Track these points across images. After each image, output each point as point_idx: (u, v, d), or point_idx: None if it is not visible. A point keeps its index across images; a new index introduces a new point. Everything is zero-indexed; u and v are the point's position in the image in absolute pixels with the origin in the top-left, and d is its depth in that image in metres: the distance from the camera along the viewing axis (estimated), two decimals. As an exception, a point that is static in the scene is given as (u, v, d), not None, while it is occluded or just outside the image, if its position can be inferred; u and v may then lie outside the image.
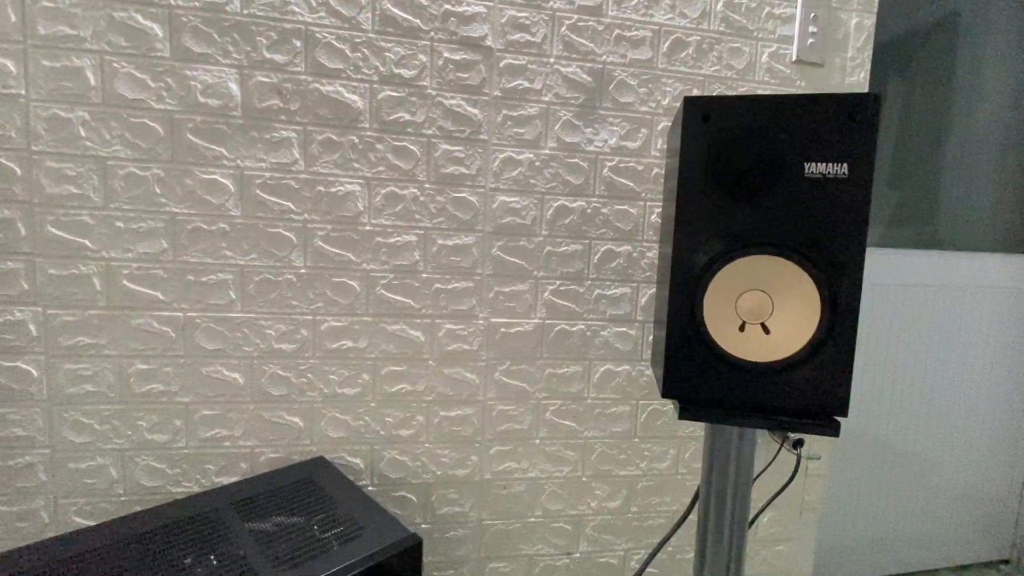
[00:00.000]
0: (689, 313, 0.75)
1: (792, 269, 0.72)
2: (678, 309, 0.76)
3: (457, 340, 1.08)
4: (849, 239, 0.70)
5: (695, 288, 0.75)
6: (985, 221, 1.63)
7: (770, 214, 0.72)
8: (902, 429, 1.57)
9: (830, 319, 0.71)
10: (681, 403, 0.76)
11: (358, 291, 1.03)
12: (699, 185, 0.74)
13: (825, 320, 0.71)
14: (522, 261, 1.09)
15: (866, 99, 0.69)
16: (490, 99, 1.04)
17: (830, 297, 0.71)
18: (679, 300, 0.75)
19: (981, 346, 1.59)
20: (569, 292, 1.11)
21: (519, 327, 1.10)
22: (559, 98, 1.06)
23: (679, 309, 0.76)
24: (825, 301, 0.71)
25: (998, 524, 1.69)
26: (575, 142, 1.08)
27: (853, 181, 0.69)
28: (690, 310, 0.75)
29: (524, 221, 1.08)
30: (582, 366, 1.14)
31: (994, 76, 1.58)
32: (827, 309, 0.71)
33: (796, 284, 0.72)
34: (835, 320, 0.71)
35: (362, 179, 1.01)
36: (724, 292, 0.75)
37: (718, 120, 0.73)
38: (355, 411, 1.06)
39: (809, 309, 0.72)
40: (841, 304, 0.71)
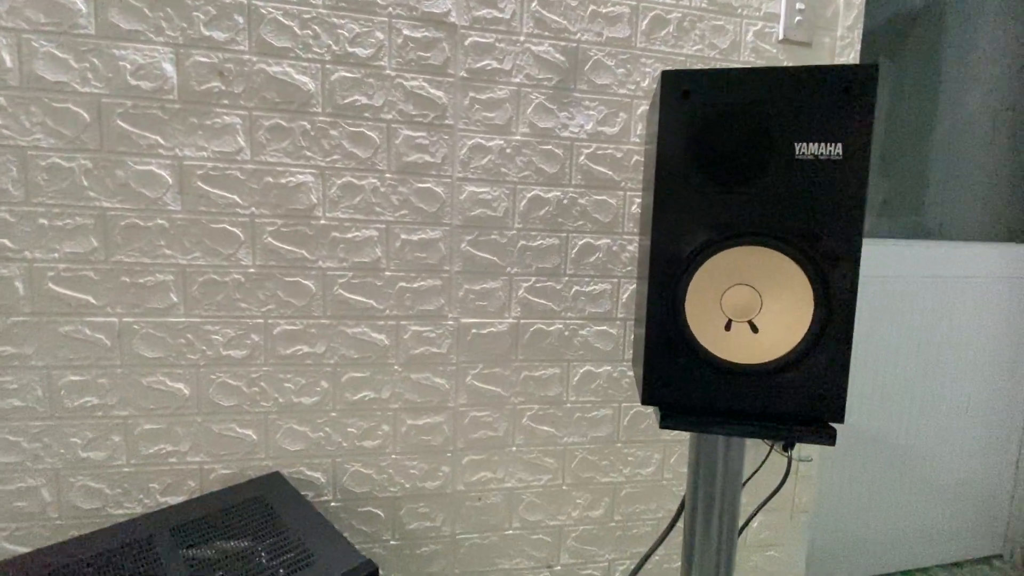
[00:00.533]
0: (670, 311, 0.68)
1: (782, 261, 0.65)
2: (658, 307, 0.68)
3: (425, 343, 1.00)
4: (844, 227, 0.63)
5: (676, 284, 0.67)
6: (975, 210, 1.59)
7: (757, 201, 0.65)
8: (892, 423, 1.52)
9: (824, 316, 0.64)
10: (663, 410, 0.69)
11: (314, 291, 0.95)
12: (679, 169, 0.67)
13: (819, 317, 0.64)
14: (494, 256, 1.01)
15: (863, 71, 0.62)
16: (455, 80, 0.96)
17: (824, 292, 0.64)
18: (659, 297, 0.68)
19: (972, 338, 1.55)
20: (545, 289, 1.04)
21: (492, 328, 1.02)
22: (530, 79, 0.98)
23: (659, 307, 0.68)
24: (818, 296, 0.64)
25: (991, 519, 1.66)
26: (549, 127, 1.00)
27: (848, 163, 0.63)
28: (671, 308, 0.68)
29: (495, 213, 1.00)
30: (560, 368, 1.06)
31: (983, 61, 1.53)
32: (821, 305, 0.64)
33: (786, 278, 0.66)
34: (829, 317, 0.64)
35: (315, 169, 0.93)
36: (708, 288, 0.68)
37: (699, 96, 0.66)
38: (314, 422, 0.98)
39: (801, 305, 0.66)
40: (836, 299, 0.64)
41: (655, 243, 0.68)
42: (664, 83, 0.67)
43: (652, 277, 0.69)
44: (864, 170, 0.64)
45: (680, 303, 0.68)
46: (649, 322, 0.69)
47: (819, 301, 0.64)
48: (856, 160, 0.63)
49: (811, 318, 0.65)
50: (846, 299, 0.64)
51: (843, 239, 0.64)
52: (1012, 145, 1.57)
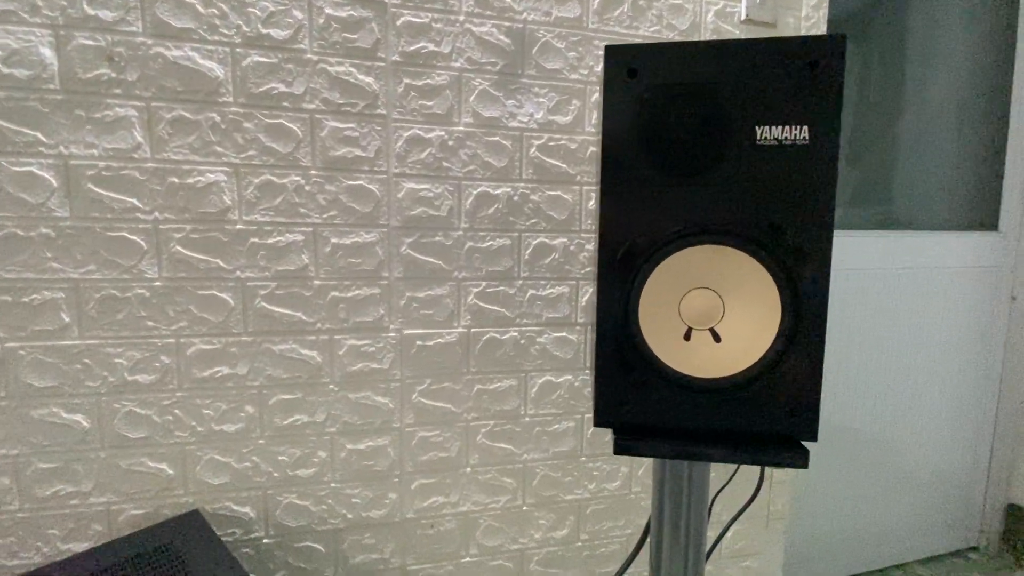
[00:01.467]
0: (622, 321, 0.60)
1: (744, 261, 0.57)
2: (608, 317, 0.60)
3: (363, 358, 0.90)
4: (813, 221, 0.56)
5: (627, 291, 0.59)
6: (943, 199, 1.56)
7: (715, 193, 0.57)
8: (865, 418, 1.48)
9: (792, 322, 0.57)
10: (616, 433, 0.61)
11: (232, 305, 0.84)
12: (626, 159, 0.58)
13: (786, 323, 0.57)
14: (439, 260, 0.91)
15: (830, 43, 0.55)
16: (387, 65, 0.86)
17: (791, 295, 0.56)
18: (609, 306, 0.60)
19: (944, 329, 1.52)
20: (498, 294, 0.95)
21: (439, 338, 0.93)
22: (473, 64, 0.89)
23: (609, 317, 0.60)
24: (785, 300, 0.56)
25: (966, 511, 1.64)
26: (495, 116, 0.91)
27: (816, 148, 0.55)
28: (623, 317, 0.60)
29: (439, 212, 0.90)
30: (517, 379, 0.98)
31: (950, 47, 1.50)
32: (788, 310, 0.56)
33: (750, 280, 0.58)
34: (798, 323, 0.57)
35: (228, 166, 0.82)
36: (664, 293, 0.60)
37: (647, 75, 0.57)
38: (239, 451, 0.87)
39: (767, 310, 0.58)
40: (805, 303, 0.57)
41: (602, 244, 0.60)
42: (608, 60, 0.59)
43: (601, 283, 0.60)
44: (833, 155, 0.56)
45: (633, 311, 0.60)
46: (600, 334, 0.61)
47: (786, 305, 0.57)
48: (824, 144, 0.56)
49: (778, 325, 0.58)
50: (816, 302, 0.57)
51: (811, 234, 0.56)
52: (979, 132, 1.55)
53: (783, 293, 0.57)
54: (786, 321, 0.58)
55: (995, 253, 1.54)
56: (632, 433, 0.61)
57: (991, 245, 1.53)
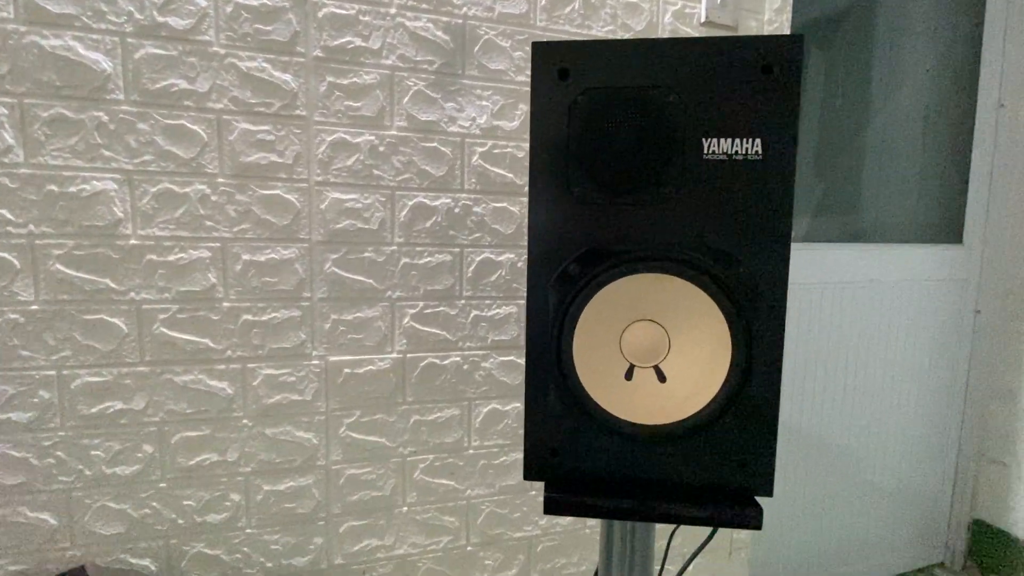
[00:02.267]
0: (553, 359, 0.52)
1: (690, 291, 0.50)
2: (538, 354, 0.52)
3: (282, 389, 0.80)
4: (767, 248, 0.49)
5: (560, 322, 0.51)
6: (908, 210, 1.53)
7: (657, 213, 0.49)
8: (830, 431, 1.44)
9: (744, 361, 0.50)
10: (548, 489, 0.53)
11: (126, 331, 0.73)
12: (559, 172, 0.50)
13: (738, 362, 0.50)
14: (369, 279, 0.82)
15: (786, 44, 0.48)
16: (308, 61, 0.77)
17: (743, 331, 0.49)
18: (539, 340, 0.52)
19: (907, 342, 1.50)
20: (437, 316, 0.86)
21: (370, 365, 0.84)
22: (406, 62, 0.81)
23: (539, 354, 0.52)
24: (737, 336, 0.49)
25: (931, 527, 1.61)
26: (432, 120, 0.83)
27: (770, 164, 0.48)
28: (555, 354, 0.52)
29: (368, 225, 0.81)
30: (460, 408, 0.89)
31: (916, 56, 1.47)
32: (740, 347, 0.49)
33: (698, 312, 0.51)
34: (750, 363, 0.50)
35: (119, 173, 0.71)
36: (602, 325, 0.52)
37: (581, 77, 0.50)
38: (136, 496, 0.77)
39: (717, 346, 0.51)
40: (759, 340, 0.50)
41: (531, 270, 0.52)
42: (536, 59, 0.51)
43: (530, 314, 0.52)
44: (789, 172, 0.49)
45: (566, 347, 0.52)
46: (529, 373, 0.53)
47: (737, 342, 0.50)
48: (779, 160, 0.49)
49: (729, 363, 0.51)
50: (771, 339, 0.50)
51: (765, 262, 0.49)
52: (944, 143, 1.53)
53: (734, 329, 0.50)
54: (737, 361, 0.51)
55: (959, 266, 1.52)
56: (566, 487, 0.53)
57: (955, 258, 1.51)
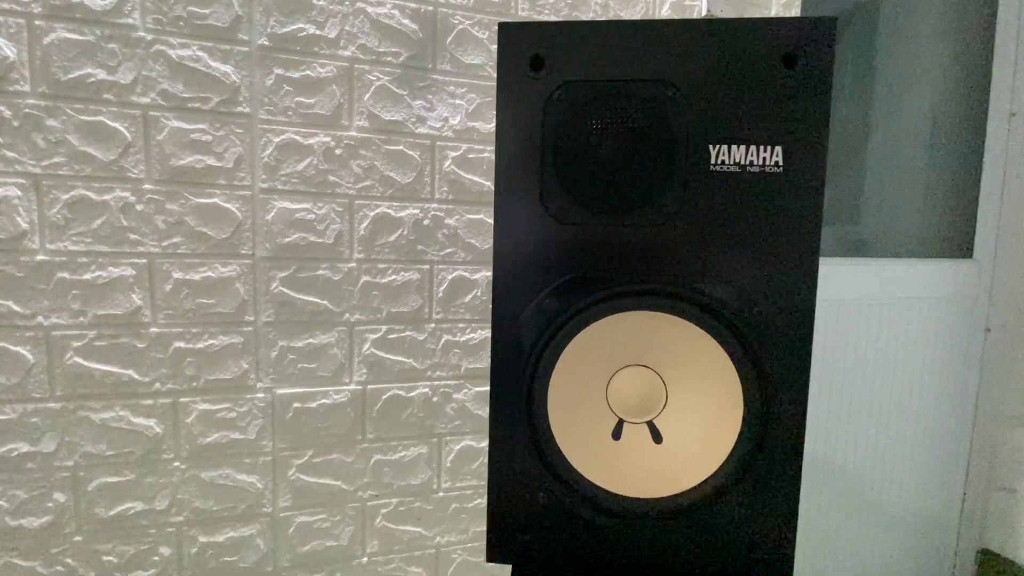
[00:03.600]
0: (523, 414, 0.42)
1: (693, 333, 0.40)
2: (505, 408, 0.42)
3: (221, 426, 0.70)
4: (788, 279, 0.39)
5: (532, 369, 0.42)
6: (915, 223, 1.45)
7: (654, 236, 0.40)
8: (835, 455, 1.35)
9: (760, 419, 0.40)
10: (515, 572, 0.43)
11: (32, 362, 0.63)
12: (531, 186, 0.41)
13: (752, 423, 0.40)
14: (324, 300, 0.72)
15: (816, 28, 0.39)
16: (252, 51, 0.67)
17: (759, 386, 0.40)
18: (505, 391, 0.42)
19: (915, 364, 1.41)
20: (403, 341, 0.76)
21: (324, 399, 0.74)
22: (368, 53, 0.71)
23: (506, 408, 0.42)
24: (750, 392, 0.40)
25: (937, 555, 1.53)
26: (398, 120, 0.73)
27: (793, 176, 0.39)
28: (524, 409, 0.42)
29: (323, 239, 0.71)
30: (428, 445, 0.79)
31: (924, 62, 1.40)
32: (755, 402, 0.40)
33: (702, 357, 0.41)
34: (769, 421, 0.41)
35: (24, 178, 0.61)
36: (585, 372, 0.42)
37: (559, 67, 0.40)
38: (47, 552, 0.66)
39: (725, 399, 0.41)
40: (777, 393, 0.40)
41: (497, 304, 0.42)
42: (503, 44, 0.41)
43: (495, 358, 0.42)
44: (817, 188, 0.40)
45: (539, 400, 0.42)
46: (494, 431, 0.43)
47: (751, 397, 0.40)
48: (805, 173, 0.39)
49: (741, 422, 0.41)
50: (793, 394, 0.40)
51: (787, 300, 0.40)
52: (953, 153, 1.45)
53: (747, 381, 0.40)
54: (751, 419, 0.41)
55: (969, 282, 1.44)
56: (538, 572, 0.43)
57: (965, 273, 1.43)
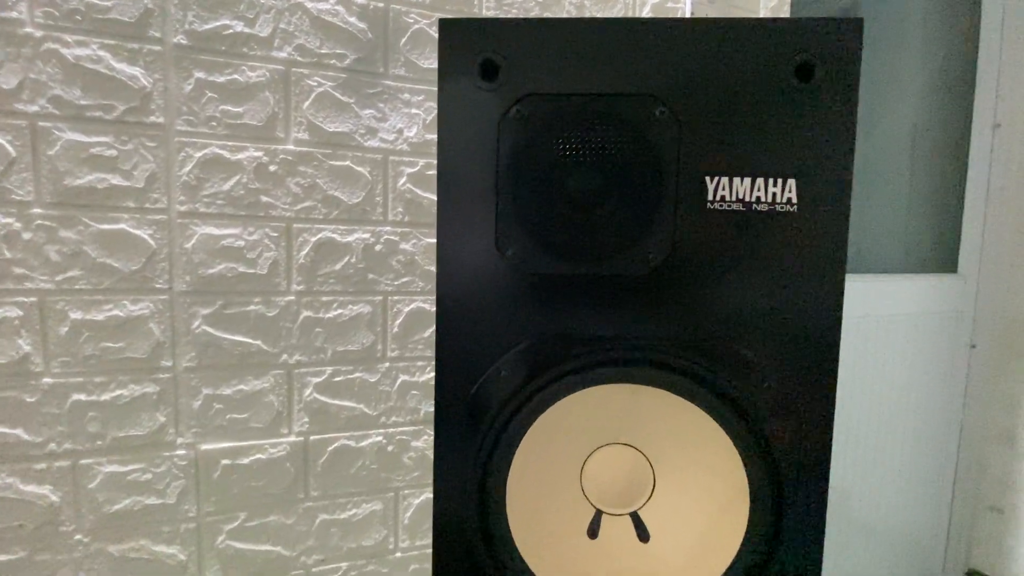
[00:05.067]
0: (474, 511, 0.33)
1: (687, 410, 0.32)
2: (451, 505, 0.34)
3: (132, 491, 0.59)
4: (804, 345, 0.32)
5: (486, 457, 0.33)
6: (898, 237, 1.42)
7: (635, 291, 0.32)
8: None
9: (770, 517, 0.32)
10: None
11: None
12: (483, 225, 0.32)
13: (761, 515, 0.32)
14: (256, 339, 0.62)
15: (836, 31, 0.31)
16: (166, 51, 0.57)
17: (767, 470, 0.32)
18: (451, 485, 0.33)
19: (900, 382, 1.37)
20: (352, 384, 0.67)
21: (259, 453, 0.64)
22: (308, 55, 0.61)
23: (452, 505, 0.34)
24: (758, 481, 0.32)
25: (926, 572, 1.49)
26: (344, 132, 0.64)
27: (809, 216, 0.31)
28: (476, 506, 0.33)
29: (254, 269, 0.62)
30: (383, 501, 0.70)
31: (904, 75, 1.36)
32: (763, 496, 0.32)
33: (697, 435, 0.33)
34: (781, 518, 0.33)
35: None
36: (553, 454, 0.34)
37: (518, 76, 0.32)
38: (-92, 654, 0.54)
39: (729, 487, 0.33)
40: (792, 485, 0.32)
41: (441, 374, 0.34)
42: (446, 46, 0.33)
43: (439, 445, 0.34)
44: (840, 232, 0.32)
45: (495, 494, 0.33)
46: (438, 535, 0.34)
47: (760, 489, 0.32)
48: (825, 212, 0.32)
49: (748, 518, 0.33)
50: (811, 486, 0.33)
51: (803, 372, 0.32)
52: (936, 165, 1.42)
53: (754, 470, 0.32)
54: (760, 514, 0.33)
55: (954, 297, 1.41)
56: None
57: (949, 288, 1.40)
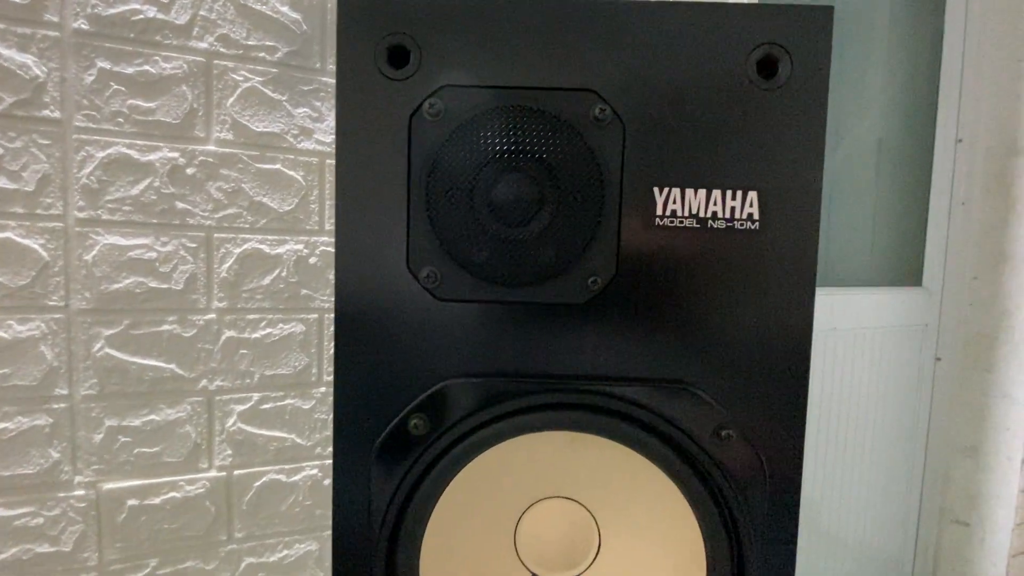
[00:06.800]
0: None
1: (634, 461, 0.28)
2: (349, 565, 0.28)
3: (22, 538, 0.52)
4: (768, 385, 0.27)
5: (394, 523, 0.27)
6: (864, 251, 1.42)
7: (572, 322, 0.27)
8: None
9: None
10: None
11: None
12: (391, 244, 0.27)
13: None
14: (170, 363, 0.55)
15: (803, 20, 0.27)
16: (64, 37, 0.50)
17: (726, 535, 0.27)
18: (352, 563, 0.28)
19: (868, 392, 1.36)
20: (282, 412, 0.60)
21: (173, 491, 0.56)
22: (233, 46, 0.55)
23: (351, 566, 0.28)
24: (716, 544, 0.27)
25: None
26: (274, 132, 0.58)
27: (774, 234, 0.27)
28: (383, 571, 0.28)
29: (168, 284, 0.55)
30: (319, 541, 0.63)
31: (867, 90, 1.37)
32: (723, 561, 0.27)
33: (647, 486, 0.28)
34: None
35: None
36: (479, 512, 0.29)
37: (433, 63, 0.27)
38: None
39: (684, 548, 0.28)
40: (753, 547, 0.28)
41: (339, 424, 0.28)
42: (345, 25, 0.28)
43: (337, 509, 0.28)
44: (808, 251, 0.28)
45: (410, 563, 0.28)
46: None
47: (718, 558, 0.28)
48: (792, 229, 0.28)
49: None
50: (779, 548, 0.28)
51: (768, 415, 0.28)
52: (900, 177, 1.43)
53: (712, 536, 0.28)
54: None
55: (919, 310, 1.41)
56: None
57: (914, 302, 1.40)
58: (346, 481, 0.27)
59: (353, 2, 0.26)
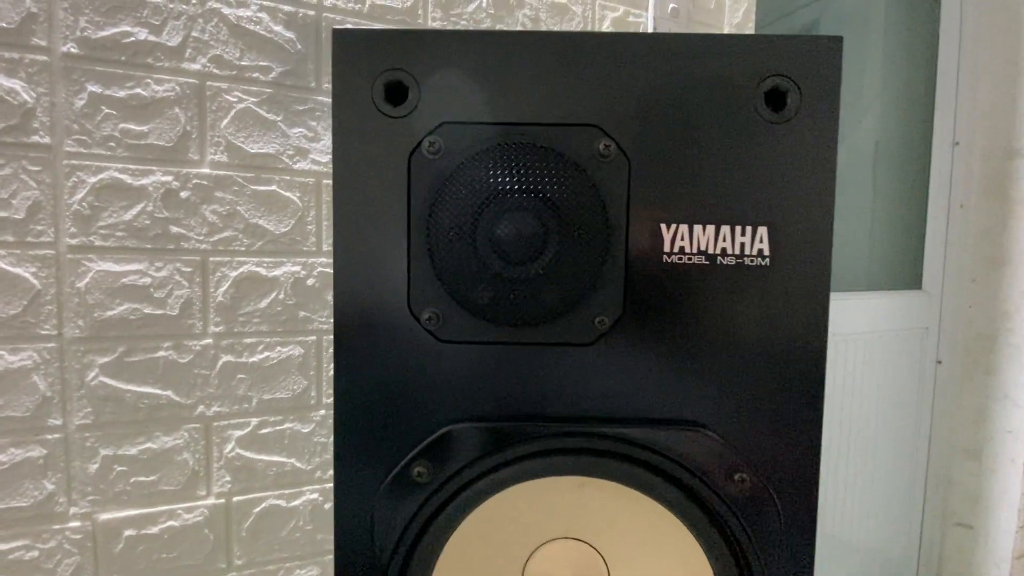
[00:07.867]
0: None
1: (643, 504, 0.27)
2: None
3: (16, 570, 0.51)
4: (782, 426, 0.26)
5: (400, 570, 0.27)
6: (861, 255, 1.41)
7: (578, 363, 0.26)
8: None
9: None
10: None
11: None
12: (391, 285, 0.26)
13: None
14: (167, 390, 0.54)
15: (813, 49, 0.26)
16: (54, 61, 0.49)
17: (743, 572, 0.27)
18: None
19: (870, 396, 1.36)
20: (281, 436, 0.59)
21: (171, 520, 0.55)
22: (227, 68, 0.55)
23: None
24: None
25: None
26: (269, 153, 0.57)
27: (785, 270, 0.26)
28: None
29: (164, 310, 0.54)
30: (321, 566, 0.62)
31: (864, 93, 1.37)
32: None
33: (657, 529, 0.27)
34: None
35: None
36: (487, 555, 0.28)
37: (433, 101, 0.26)
38: None
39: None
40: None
41: (340, 467, 0.27)
42: (342, 62, 0.27)
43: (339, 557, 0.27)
44: (821, 287, 0.28)
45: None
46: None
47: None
48: (804, 264, 0.27)
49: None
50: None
51: (781, 458, 0.27)
52: (899, 181, 1.43)
53: (722, 574, 0.27)
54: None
55: (919, 313, 1.41)
56: None
57: (914, 305, 1.40)
58: (350, 527, 0.26)
59: (348, 37, 0.25)
